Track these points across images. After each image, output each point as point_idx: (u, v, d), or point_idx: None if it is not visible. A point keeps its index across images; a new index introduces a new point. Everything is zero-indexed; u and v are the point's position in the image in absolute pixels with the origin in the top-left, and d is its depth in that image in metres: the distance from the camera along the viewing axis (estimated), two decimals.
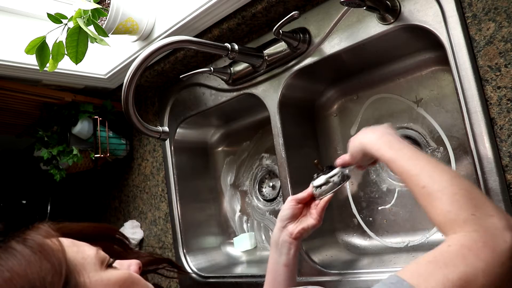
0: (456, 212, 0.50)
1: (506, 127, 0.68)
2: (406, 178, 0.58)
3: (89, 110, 1.30)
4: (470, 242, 0.47)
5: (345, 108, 1.08)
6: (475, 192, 0.52)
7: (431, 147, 0.93)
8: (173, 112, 1.28)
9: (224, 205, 1.36)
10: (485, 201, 0.51)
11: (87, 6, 0.89)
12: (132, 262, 0.60)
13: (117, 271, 0.55)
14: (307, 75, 1.01)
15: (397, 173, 0.60)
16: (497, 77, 0.69)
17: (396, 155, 0.61)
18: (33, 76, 1.14)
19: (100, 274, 0.53)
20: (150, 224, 1.36)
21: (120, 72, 1.22)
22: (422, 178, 0.55)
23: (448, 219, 0.51)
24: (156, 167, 1.34)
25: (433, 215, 0.53)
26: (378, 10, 0.78)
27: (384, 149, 0.63)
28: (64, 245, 0.53)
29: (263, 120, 1.25)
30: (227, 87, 1.13)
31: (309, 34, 0.94)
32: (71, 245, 0.55)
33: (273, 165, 1.24)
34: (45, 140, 1.30)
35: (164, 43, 0.82)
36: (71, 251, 0.53)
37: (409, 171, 0.57)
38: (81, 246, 0.55)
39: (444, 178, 0.54)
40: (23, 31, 1.11)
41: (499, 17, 0.69)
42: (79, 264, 0.52)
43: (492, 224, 0.48)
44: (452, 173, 0.55)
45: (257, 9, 0.96)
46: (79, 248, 0.55)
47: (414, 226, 0.93)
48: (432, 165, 0.56)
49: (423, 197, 0.54)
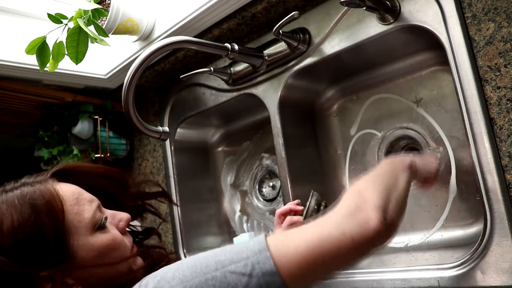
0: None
1: (506, 127, 0.68)
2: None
3: (89, 110, 1.30)
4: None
5: (345, 108, 1.09)
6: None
7: (431, 147, 0.93)
8: (173, 112, 1.29)
9: (224, 205, 1.37)
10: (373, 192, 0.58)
11: (87, 6, 0.89)
12: (123, 218, 0.67)
13: (102, 236, 0.62)
14: (307, 75, 1.01)
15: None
16: (497, 77, 0.69)
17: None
18: (34, 76, 1.15)
19: (87, 238, 0.60)
20: (150, 224, 1.36)
21: (120, 72, 1.22)
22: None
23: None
24: (156, 167, 1.34)
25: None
26: (378, 10, 0.78)
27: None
28: (67, 203, 0.60)
29: (263, 120, 1.25)
30: (227, 87, 1.13)
31: (309, 34, 0.94)
32: (74, 203, 0.61)
33: (273, 165, 1.24)
34: (46, 140, 1.30)
35: (164, 43, 0.82)
36: (70, 212, 0.60)
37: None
38: (82, 205, 0.61)
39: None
40: (23, 31, 1.12)
41: (499, 17, 0.69)
42: (74, 227, 0.59)
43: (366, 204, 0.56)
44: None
45: (257, 10, 0.96)
46: (79, 208, 0.61)
47: (414, 226, 0.93)
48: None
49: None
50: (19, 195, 0.59)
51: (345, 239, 0.52)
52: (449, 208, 0.89)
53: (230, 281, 0.49)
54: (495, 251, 0.68)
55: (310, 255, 0.51)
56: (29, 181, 0.62)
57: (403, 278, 0.78)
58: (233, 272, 0.50)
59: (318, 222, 0.55)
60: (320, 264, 0.52)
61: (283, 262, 0.50)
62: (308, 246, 0.52)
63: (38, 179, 0.63)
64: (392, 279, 0.80)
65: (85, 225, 0.60)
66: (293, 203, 0.85)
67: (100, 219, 0.62)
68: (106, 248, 0.61)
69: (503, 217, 0.67)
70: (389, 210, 0.56)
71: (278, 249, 0.51)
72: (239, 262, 0.51)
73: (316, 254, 0.51)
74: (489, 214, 0.68)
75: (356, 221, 0.53)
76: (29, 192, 0.59)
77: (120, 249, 0.63)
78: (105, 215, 0.64)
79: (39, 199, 0.58)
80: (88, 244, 0.60)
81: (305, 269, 0.51)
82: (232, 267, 0.50)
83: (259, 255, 0.51)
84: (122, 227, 0.66)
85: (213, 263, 0.51)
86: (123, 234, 0.66)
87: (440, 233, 0.90)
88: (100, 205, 0.65)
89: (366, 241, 0.53)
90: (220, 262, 0.51)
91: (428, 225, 0.92)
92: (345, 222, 0.53)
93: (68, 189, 0.62)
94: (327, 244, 0.52)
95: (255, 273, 0.49)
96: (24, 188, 0.60)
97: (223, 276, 0.50)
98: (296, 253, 0.51)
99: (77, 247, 0.59)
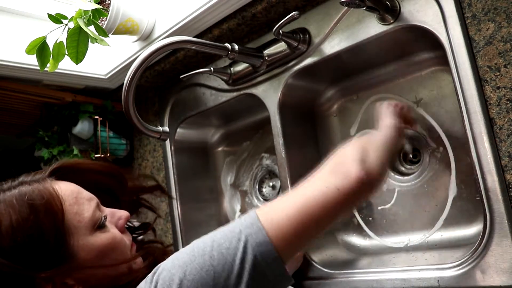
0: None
1: (506, 127, 0.68)
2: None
3: (90, 110, 1.30)
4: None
5: (345, 108, 1.09)
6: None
7: (431, 147, 0.93)
8: (173, 112, 1.29)
9: (224, 205, 1.37)
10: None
11: (88, 7, 0.89)
12: (122, 216, 0.67)
13: (102, 235, 0.62)
14: (307, 75, 1.01)
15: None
16: (497, 77, 0.69)
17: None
18: (34, 76, 1.15)
19: (87, 238, 0.60)
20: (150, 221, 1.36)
21: (121, 72, 1.22)
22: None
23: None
24: (156, 167, 1.34)
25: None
26: (378, 10, 0.79)
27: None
28: (67, 203, 0.59)
29: (263, 120, 1.25)
30: (227, 87, 1.13)
31: (309, 34, 0.95)
32: (74, 202, 0.60)
33: (273, 165, 1.24)
34: (46, 140, 1.30)
35: (164, 43, 0.82)
36: (70, 212, 0.59)
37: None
38: (81, 205, 0.61)
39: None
40: (23, 31, 1.12)
41: (499, 17, 0.69)
42: (73, 227, 0.59)
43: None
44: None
45: (257, 10, 0.96)
46: (79, 207, 0.60)
47: (414, 226, 0.94)
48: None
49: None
50: (17, 194, 0.58)
51: (331, 192, 0.54)
52: (449, 208, 0.89)
53: (227, 257, 0.50)
54: (495, 251, 0.68)
55: (299, 216, 0.53)
56: (27, 180, 0.62)
57: (403, 278, 0.78)
58: (228, 248, 0.51)
59: (302, 185, 0.58)
60: (310, 224, 0.53)
61: (274, 229, 0.52)
62: (296, 208, 0.53)
63: (36, 178, 0.63)
64: (392, 279, 0.80)
65: (85, 225, 0.60)
66: None
67: (99, 218, 0.62)
68: (106, 248, 0.61)
69: (503, 217, 0.67)
70: (368, 159, 0.59)
71: (268, 218, 0.53)
72: (233, 238, 0.52)
73: (305, 214, 0.53)
74: (489, 214, 0.69)
75: (338, 174, 0.56)
76: (28, 192, 0.58)
77: (120, 248, 0.63)
78: (105, 214, 0.64)
79: (38, 199, 0.57)
80: (88, 244, 0.59)
81: (297, 231, 0.53)
82: (227, 243, 0.52)
83: (251, 228, 0.53)
84: (122, 225, 0.66)
85: (209, 243, 0.53)
86: (122, 232, 0.66)
87: (440, 233, 0.90)
88: (99, 203, 0.65)
89: (351, 190, 0.55)
90: (216, 241, 0.53)
91: (428, 225, 0.92)
92: (328, 177, 0.56)
93: (67, 188, 0.62)
94: (314, 201, 0.53)
95: (248, 245, 0.51)
96: (22, 187, 0.60)
97: (220, 254, 0.51)
98: (286, 218, 0.53)
99: (77, 248, 0.58)
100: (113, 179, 0.75)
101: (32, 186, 0.60)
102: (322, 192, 0.54)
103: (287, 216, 0.53)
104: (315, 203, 0.54)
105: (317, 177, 0.58)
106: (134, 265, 0.65)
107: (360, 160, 0.57)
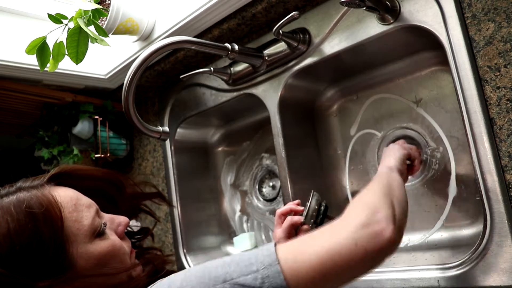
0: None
1: (506, 127, 0.68)
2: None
3: (90, 110, 1.30)
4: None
5: (345, 108, 1.09)
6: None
7: (431, 147, 0.93)
8: (173, 112, 1.29)
9: (224, 205, 1.37)
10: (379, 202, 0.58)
11: (88, 7, 0.89)
12: (122, 222, 0.66)
13: (102, 243, 0.60)
14: (307, 75, 1.01)
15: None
16: (497, 77, 0.69)
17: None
18: (34, 76, 1.15)
19: (87, 246, 0.59)
20: (150, 224, 1.36)
21: (121, 72, 1.23)
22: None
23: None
24: (156, 167, 1.34)
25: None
26: (377, 10, 0.79)
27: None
28: (66, 210, 0.58)
29: (263, 120, 1.25)
30: (227, 87, 1.13)
31: (309, 34, 0.95)
32: (73, 209, 0.59)
33: (273, 165, 1.24)
34: (46, 140, 1.30)
35: (164, 43, 0.82)
36: (69, 219, 0.58)
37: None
38: (81, 212, 0.60)
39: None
40: (23, 31, 1.12)
41: (499, 17, 0.69)
42: (73, 235, 0.58)
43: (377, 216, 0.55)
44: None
45: (257, 10, 0.96)
46: (78, 214, 0.59)
47: (414, 226, 0.93)
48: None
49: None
50: (15, 201, 0.57)
51: (358, 251, 0.51)
52: (449, 208, 0.89)
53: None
54: (495, 251, 0.68)
55: (321, 269, 0.50)
56: (25, 186, 0.60)
57: (403, 278, 0.78)
58: (242, 285, 0.49)
59: (328, 234, 0.54)
60: (331, 278, 0.51)
61: (293, 276, 0.49)
62: (320, 259, 0.50)
63: (34, 184, 0.61)
64: (392, 279, 0.80)
65: (84, 233, 0.59)
66: (294, 203, 0.85)
67: (99, 226, 0.61)
68: (106, 256, 0.60)
69: (503, 217, 0.67)
70: (397, 217, 0.55)
71: (289, 263, 0.50)
72: (249, 275, 0.50)
73: (328, 268, 0.50)
74: (489, 214, 0.69)
75: (369, 232, 0.52)
76: (26, 199, 0.57)
77: (119, 255, 0.62)
78: (104, 221, 0.63)
79: (37, 206, 0.56)
80: (88, 252, 0.58)
81: (316, 283, 0.50)
82: (241, 279, 0.49)
83: (269, 269, 0.50)
84: (121, 231, 0.65)
85: (222, 274, 0.50)
86: (122, 238, 0.65)
87: (440, 233, 0.90)
88: (98, 209, 0.64)
89: (379, 252, 0.52)
90: (229, 274, 0.50)
91: (428, 225, 0.92)
92: (358, 233, 0.52)
93: (66, 195, 0.60)
94: (340, 257, 0.50)
95: (265, 287, 0.49)
96: (20, 194, 0.58)
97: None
98: (307, 268, 0.50)
99: (76, 256, 0.57)
100: (112, 185, 0.74)
101: (30, 193, 0.58)
102: (349, 250, 0.51)
103: (309, 265, 0.50)
104: (340, 260, 0.50)
105: (346, 230, 0.53)
106: (133, 273, 0.64)
107: (392, 218, 0.54)
